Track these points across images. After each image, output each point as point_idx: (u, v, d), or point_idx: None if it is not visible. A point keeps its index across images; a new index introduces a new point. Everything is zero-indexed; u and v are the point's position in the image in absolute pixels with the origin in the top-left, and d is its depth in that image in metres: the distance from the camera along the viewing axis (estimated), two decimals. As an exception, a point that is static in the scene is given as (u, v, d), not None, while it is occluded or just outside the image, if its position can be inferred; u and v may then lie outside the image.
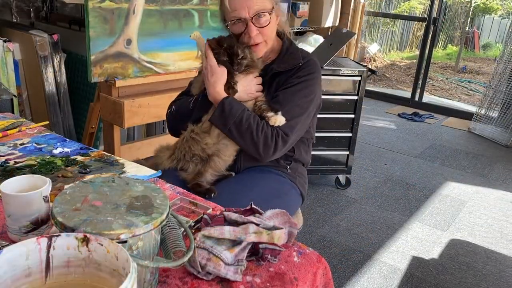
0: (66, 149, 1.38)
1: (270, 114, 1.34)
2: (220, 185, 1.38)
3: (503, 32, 9.93)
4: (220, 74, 1.34)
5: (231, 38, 1.36)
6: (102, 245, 0.65)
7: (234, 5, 1.33)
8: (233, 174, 1.45)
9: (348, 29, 4.20)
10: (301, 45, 3.79)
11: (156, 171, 1.29)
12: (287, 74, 1.41)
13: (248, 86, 1.38)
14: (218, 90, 1.34)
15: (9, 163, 1.26)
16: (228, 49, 1.33)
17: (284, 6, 3.68)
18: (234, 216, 0.94)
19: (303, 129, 1.43)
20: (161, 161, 1.47)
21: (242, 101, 1.37)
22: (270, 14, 1.35)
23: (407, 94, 5.63)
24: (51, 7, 3.12)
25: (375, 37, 8.65)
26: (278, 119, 1.33)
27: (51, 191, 0.92)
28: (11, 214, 0.88)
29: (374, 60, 7.64)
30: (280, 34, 1.47)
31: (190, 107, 1.44)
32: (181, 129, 1.45)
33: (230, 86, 1.35)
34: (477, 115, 4.55)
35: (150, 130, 2.86)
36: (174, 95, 1.61)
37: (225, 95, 1.34)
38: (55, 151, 1.35)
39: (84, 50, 2.07)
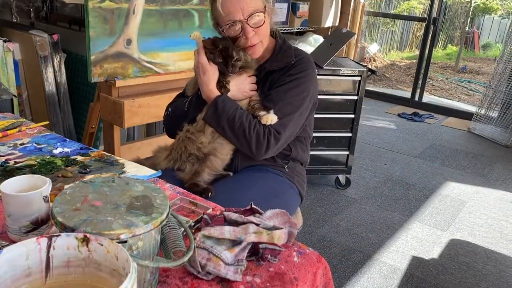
0: (66, 149, 1.38)
1: (262, 113, 1.34)
2: (217, 184, 1.38)
3: (503, 32, 9.93)
4: (212, 72, 1.35)
5: (226, 39, 1.36)
6: (102, 245, 0.65)
7: (227, 9, 1.33)
8: (231, 174, 1.45)
9: (348, 29, 4.20)
10: (301, 45, 3.79)
11: (156, 171, 1.29)
12: (280, 72, 1.41)
13: (242, 85, 1.38)
14: (211, 88, 1.35)
15: (9, 163, 1.26)
16: (223, 51, 1.33)
17: (284, 6, 3.68)
18: (234, 216, 0.94)
19: (296, 127, 1.42)
20: (158, 161, 1.47)
21: (237, 100, 1.38)
22: (264, 13, 1.35)
23: (407, 94, 5.63)
24: (51, 7, 3.12)
25: (375, 37, 8.65)
26: (270, 118, 1.33)
27: (51, 191, 0.92)
28: (11, 214, 0.88)
29: (374, 60, 7.64)
30: (273, 33, 1.48)
31: (185, 108, 1.44)
32: (177, 130, 1.45)
33: (222, 85, 1.36)
34: (477, 115, 4.55)
35: (150, 130, 2.86)
36: (174, 95, 1.61)
37: (217, 93, 1.35)
38: (55, 151, 1.36)
39: (84, 50, 2.06)
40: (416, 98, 5.26)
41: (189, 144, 1.38)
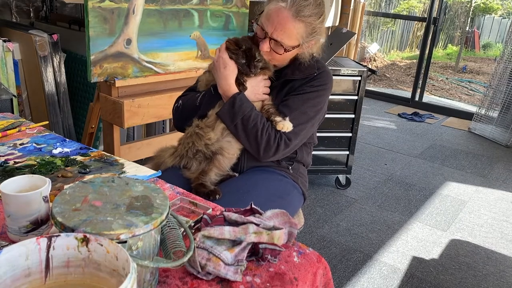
0: (65, 149, 1.38)
1: (278, 118, 1.34)
2: (222, 185, 1.38)
3: (503, 32, 9.94)
4: (232, 67, 1.35)
5: (247, 40, 1.37)
6: (102, 245, 0.65)
7: (269, 16, 1.33)
8: (237, 174, 1.44)
9: (348, 29, 4.19)
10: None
11: (156, 171, 1.29)
12: (301, 82, 1.42)
13: (256, 87, 1.38)
14: (230, 83, 1.35)
15: (9, 163, 1.25)
16: (247, 51, 1.34)
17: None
18: (234, 216, 0.94)
19: (306, 136, 1.45)
20: (163, 159, 1.46)
21: None
22: (286, 50, 1.35)
23: (407, 94, 5.63)
24: (51, 7, 3.12)
25: (375, 37, 8.65)
26: (286, 125, 1.34)
27: (51, 191, 0.92)
28: (11, 214, 0.88)
29: (374, 60, 7.64)
30: None
31: (197, 103, 1.43)
32: (186, 124, 1.44)
33: (240, 82, 1.35)
34: (477, 115, 4.55)
35: (149, 130, 2.86)
36: (174, 95, 1.61)
37: (236, 89, 1.35)
38: (55, 151, 1.35)
39: (84, 50, 2.07)
40: (416, 98, 5.26)
41: (197, 140, 1.38)
